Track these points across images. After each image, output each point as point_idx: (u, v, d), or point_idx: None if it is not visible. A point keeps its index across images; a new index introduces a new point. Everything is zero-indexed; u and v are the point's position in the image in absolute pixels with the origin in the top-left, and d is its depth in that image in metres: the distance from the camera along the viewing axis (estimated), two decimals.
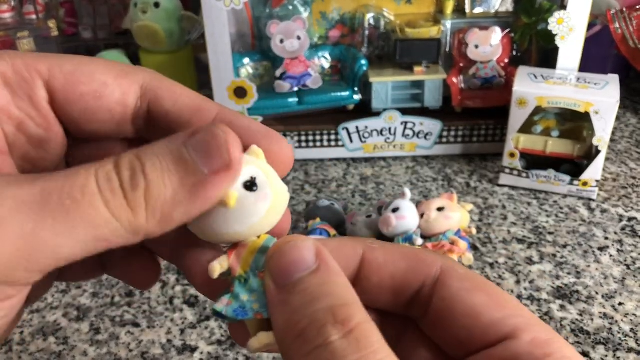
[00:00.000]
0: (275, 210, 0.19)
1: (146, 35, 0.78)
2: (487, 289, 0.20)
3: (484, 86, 0.69)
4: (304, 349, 0.16)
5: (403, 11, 0.70)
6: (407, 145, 0.70)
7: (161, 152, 0.16)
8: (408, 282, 0.21)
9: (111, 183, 0.16)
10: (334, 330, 0.16)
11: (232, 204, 0.18)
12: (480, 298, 0.20)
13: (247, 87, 0.66)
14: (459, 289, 0.20)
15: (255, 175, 0.18)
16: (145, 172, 0.16)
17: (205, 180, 0.17)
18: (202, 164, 0.17)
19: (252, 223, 0.19)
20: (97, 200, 0.16)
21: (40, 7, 0.77)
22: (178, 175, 0.16)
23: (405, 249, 0.21)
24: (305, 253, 0.18)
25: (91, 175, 0.16)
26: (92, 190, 0.16)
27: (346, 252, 0.21)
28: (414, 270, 0.21)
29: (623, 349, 0.45)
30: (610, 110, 0.58)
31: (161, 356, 0.45)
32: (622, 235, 0.57)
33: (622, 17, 0.74)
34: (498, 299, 0.20)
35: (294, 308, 0.17)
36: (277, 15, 0.67)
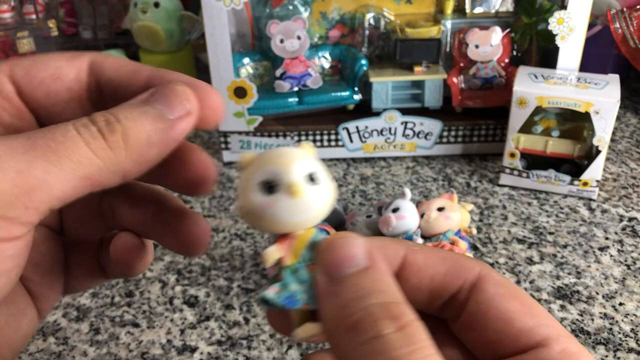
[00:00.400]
0: (330, 204, 0.20)
1: (146, 35, 0.78)
2: (521, 297, 0.21)
3: (484, 86, 0.69)
4: (356, 340, 0.17)
5: (403, 11, 0.70)
6: (407, 145, 0.70)
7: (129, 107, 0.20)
8: (446, 285, 0.21)
9: (89, 129, 0.19)
10: (387, 324, 0.17)
11: (301, 195, 0.19)
12: (514, 305, 0.20)
13: (247, 87, 0.66)
14: (494, 294, 0.21)
15: (315, 170, 0.20)
16: (120, 120, 0.19)
17: (173, 124, 0.20)
18: (168, 112, 0.20)
19: (311, 215, 0.19)
20: (79, 141, 0.18)
21: (40, 7, 0.77)
22: (149, 121, 0.19)
23: (445, 253, 0.22)
24: (358, 250, 0.19)
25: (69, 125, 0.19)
26: (73, 134, 0.18)
27: (389, 252, 0.21)
28: (452, 274, 0.21)
29: (623, 349, 0.45)
30: (611, 110, 0.58)
31: (161, 356, 0.45)
32: (623, 235, 0.57)
33: (623, 17, 0.74)
34: (531, 308, 0.20)
35: (346, 301, 0.18)
36: (277, 15, 0.67)
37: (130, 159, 0.19)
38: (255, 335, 0.47)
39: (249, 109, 0.67)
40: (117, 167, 0.19)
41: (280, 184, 0.19)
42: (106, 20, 0.90)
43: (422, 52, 0.68)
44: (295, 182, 0.19)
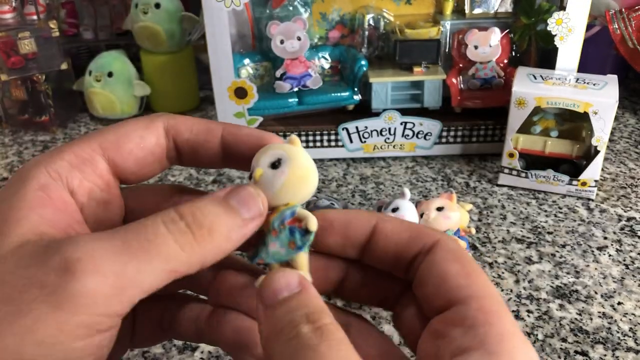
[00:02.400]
0: (294, 183, 0.24)
1: (147, 36, 0.78)
2: (465, 262, 0.23)
3: (483, 86, 0.70)
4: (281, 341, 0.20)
5: (403, 12, 0.71)
6: (407, 145, 0.70)
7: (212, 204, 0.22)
8: (408, 249, 0.24)
9: (177, 225, 0.21)
10: (305, 326, 0.20)
11: (257, 179, 0.23)
12: (454, 267, 0.23)
13: (248, 88, 0.66)
14: (441, 257, 0.23)
15: (280, 157, 0.24)
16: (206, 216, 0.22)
17: (248, 223, 0.23)
18: (244, 212, 0.23)
19: (272, 192, 0.23)
20: (169, 239, 0.21)
21: (41, 7, 0.77)
22: (230, 217, 0.22)
23: (411, 224, 0.26)
24: (291, 280, 0.22)
25: (158, 221, 0.21)
26: (163, 232, 0.21)
27: (361, 218, 0.25)
28: (414, 239, 0.24)
29: (622, 349, 0.45)
30: (609, 110, 0.58)
31: (162, 355, 0.45)
32: (621, 235, 0.58)
33: (621, 17, 0.74)
34: (468, 271, 0.23)
35: (277, 318, 0.21)
36: (277, 16, 0.68)
37: (211, 251, 0.22)
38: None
39: (249, 110, 0.68)
40: (200, 259, 0.21)
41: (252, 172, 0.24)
42: (107, 21, 0.90)
43: (421, 52, 0.68)
44: (257, 169, 0.24)
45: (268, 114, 0.69)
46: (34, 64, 0.77)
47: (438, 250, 0.24)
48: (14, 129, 0.81)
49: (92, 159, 0.24)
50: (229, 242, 0.22)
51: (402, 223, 0.25)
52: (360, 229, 0.25)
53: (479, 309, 0.21)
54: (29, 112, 0.80)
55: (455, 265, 0.23)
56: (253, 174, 0.24)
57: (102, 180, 0.24)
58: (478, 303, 0.21)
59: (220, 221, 0.22)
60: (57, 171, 0.23)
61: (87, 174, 0.24)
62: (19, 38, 0.75)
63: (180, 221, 0.21)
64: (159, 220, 0.21)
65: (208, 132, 0.26)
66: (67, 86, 0.82)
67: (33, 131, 0.80)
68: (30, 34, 0.75)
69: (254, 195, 0.23)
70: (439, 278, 0.23)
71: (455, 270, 0.23)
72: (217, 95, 0.67)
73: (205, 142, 0.26)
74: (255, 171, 0.24)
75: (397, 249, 0.25)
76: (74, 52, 0.88)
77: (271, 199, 0.24)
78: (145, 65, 0.82)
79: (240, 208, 0.22)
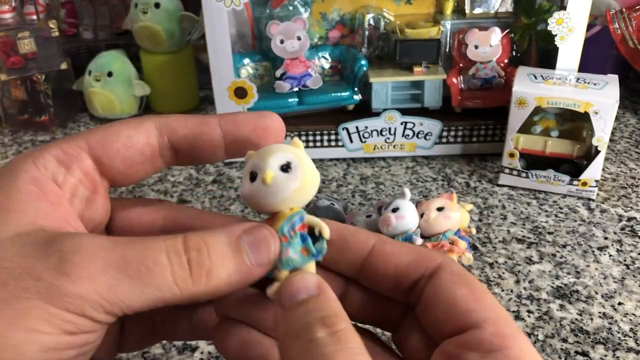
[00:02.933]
0: (305, 189, 0.23)
1: (147, 36, 0.78)
2: (472, 285, 0.23)
3: (484, 86, 0.70)
4: (297, 344, 0.20)
5: (403, 12, 0.71)
6: (407, 145, 0.70)
7: (222, 241, 0.22)
8: (409, 272, 0.24)
9: (180, 259, 0.21)
10: (321, 330, 0.20)
11: (269, 182, 0.22)
12: (462, 291, 0.23)
13: (248, 88, 0.66)
14: (447, 281, 0.23)
15: (290, 161, 0.23)
16: (210, 255, 0.21)
17: (252, 270, 0.22)
18: (252, 258, 0.22)
19: (283, 197, 0.23)
20: (166, 272, 0.21)
21: (41, 7, 0.77)
22: (234, 262, 0.22)
23: (411, 247, 0.25)
24: (309, 283, 0.22)
25: (162, 249, 0.21)
26: (163, 263, 0.21)
27: (360, 237, 0.25)
28: (415, 263, 0.24)
29: (622, 349, 0.45)
30: (610, 110, 0.58)
31: (161, 356, 0.45)
32: (622, 235, 0.58)
33: (622, 17, 0.74)
34: (478, 294, 0.23)
35: (294, 319, 0.21)
36: (277, 16, 0.67)
37: (205, 292, 0.21)
38: None
39: (249, 109, 0.68)
40: (191, 297, 0.21)
41: (258, 174, 0.23)
42: (107, 20, 0.90)
43: (421, 52, 0.68)
44: (267, 170, 0.23)
45: None
46: (33, 63, 0.77)
47: (443, 274, 0.23)
48: (14, 129, 0.81)
49: (78, 155, 0.24)
50: (228, 287, 0.22)
51: (403, 246, 0.25)
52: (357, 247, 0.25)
53: (494, 334, 0.21)
54: (28, 112, 0.80)
55: (463, 288, 0.23)
56: (262, 176, 0.23)
57: (87, 178, 0.24)
58: (493, 327, 0.21)
59: (224, 265, 0.21)
60: (45, 165, 0.23)
61: (72, 170, 0.24)
62: (18, 38, 0.75)
63: (183, 255, 0.21)
64: (163, 248, 0.21)
65: (204, 124, 0.25)
66: (67, 86, 0.82)
67: (33, 131, 0.80)
68: (29, 33, 0.75)
69: (269, 240, 0.23)
70: (447, 303, 0.23)
71: (463, 293, 0.22)
72: (217, 95, 0.67)
73: (202, 134, 0.25)
74: (265, 173, 0.23)
75: (397, 272, 0.24)
76: (73, 52, 0.88)
77: (279, 203, 0.23)
78: (145, 65, 0.82)
79: (251, 253, 0.22)
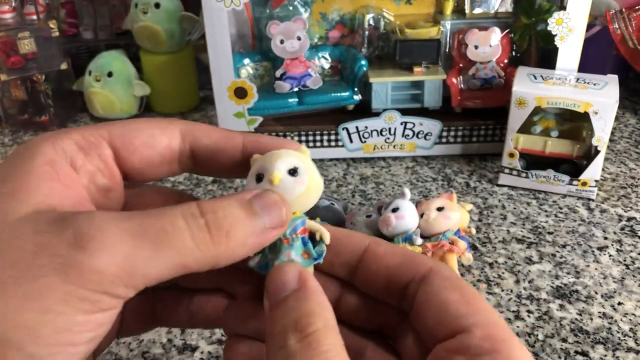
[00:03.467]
0: (310, 194, 0.24)
1: (147, 36, 0.78)
2: (464, 289, 0.23)
3: (484, 86, 0.70)
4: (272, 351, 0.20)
5: (403, 12, 0.71)
6: (407, 145, 0.70)
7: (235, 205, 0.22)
8: (400, 274, 0.24)
9: (197, 221, 0.21)
10: (292, 336, 0.20)
11: (277, 183, 0.23)
12: (453, 295, 0.23)
13: (248, 88, 0.66)
14: (438, 286, 0.23)
15: (297, 166, 0.24)
16: (226, 217, 0.21)
17: (266, 231, 0.22)
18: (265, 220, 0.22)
19: (289, 200, 0.23)
20: (185, 233, 0.20)
21: (41, 7, 0.77)
22: (249, 223, 0.22)
23: (405, 250, 0.25)
24: (289, 276, 0.22)
25: (177, 214, 0.21)
26: (181, 225, 0.20)
27: (355, 239, 0.25)
28: (406, 265, 0.24)
29: (622, 349, 0.45)
30: (610, 110, 0.58)
31: (162, 356, 0.45)
32: (622, 235, 0.58)
33: (622, 17, 0.74)
34: (469, 299, 0.22)
35: (274, 320, 0.21)
36: (277, 16, 0.67)
37: (225, 254, 0.21)
38: None
39: (249, 110, 0.68)
40: (212, 260, 0.21)
41: (265, 175, 0.23)
42: (107, 20, 0.90)
43: (421, 52, 0.68)
44: (275, 172, 0.23)
45: (268, 114, 0.69)
46: (33, 63, 0.77)
47: (434, 279, 0.23)
48: (14, 129, 0.81)
49: (98, 143, 0.24)
50: (245, 248, 0.22)
51: (395, 248, 0.25)
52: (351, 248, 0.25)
53: (484, 337, 0.21)
54: (28, 112, 0.80)
55: (454, 293, 0.23)
56: (270, 177, 0.23)
57: (106, 166, 0.24)
58: (483, 331, 0.21)
59: (240, 226, 0.21)
60: (63, 149, 0.23)
61: (91, 157, 0.23)
62: (18, 38, 0.75)
63: (200, 218, 0.21)
64: (178, 213, 0.21)
65: (227, 139, 0.25)
66: (67, 86, 0.82)
67: (33, 131, 0.80)
68: (30, 33, 0.75)
69: (279, 204, 0.23)
70: (439, 308, 0.22)
71: (455, 298, 0.22)
72: (217, 95, 0.67)
73: (225, 149, 0.25)
74: (272, 174, 0.23)
75: (388, 273, 0.24)
76: (73, 52, 0.88)
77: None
78: (145, 65, 0.82)
79: (264, 215, 0.22)
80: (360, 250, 0.25)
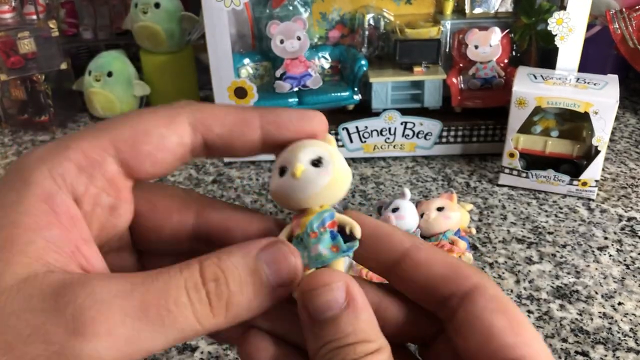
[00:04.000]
0: (336, 185, 0.23)
1: (147, 36, 0.78)
2: (511, 313, 0.21)
3: (484, 86, 0.70)
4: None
5: (403, 11, 0.71)
6: (407, 145, 0.70)
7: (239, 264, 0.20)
8: (440, 287, 0.22)
9: (199, 294, 0.20)
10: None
11: (299, 175, 0.22)
12: (500, 320, 0.21)
13: (248, 88, 0.66)
14: (484, 307, 0.21)
15: (322, 156, 0.22)
16: (228, 283, 0.20)
17: (273, 292, 0.21)
18: (273, 279, 0.21)
19: (313, 192, 0.22)
20: (188, 311, 0.19)
21: (40, 7, 0.77)
22: (253, 287, 0.20)
23: (448, 258, 0.23)
24: (337, 294, 0.20)
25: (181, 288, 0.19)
26: (184, 303, 0.19)
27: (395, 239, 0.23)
28: (449, 278, 0.22)
29: (622, 349, 0.45)
30: (610, 110, 0.58)
31: (161, 356, 0.45)
32: (622, 235, 0.58)
33: (622, 17, 0.74)
34: (517, 326, 0.21)
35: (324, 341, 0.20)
36: (277, 16, 0.67)
37: (226, 322, 0.20)
38: None
39: None
40: (212, 329, 0.20)
41: (288, 167, 0.22)
42: (107, 20, 0.90)
43: (421, 52, 0.68)
44: (297, 164, 0.22)
45: None
46: (33, 63, 0.77)
47: (480, 299, 0.21)
48: (14, 129, 0.81)
49: (102, 160, 0.21)
50: (249, 312, 0.21)
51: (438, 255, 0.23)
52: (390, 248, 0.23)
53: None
54: (28, 112, 0.80)
55: (501, 318, 0.21)
56: (292, 170, 0.22)
57: (111, 185, 0.22)
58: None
59: (243, 292, 0.20)
60: (62, 176, 0.20)
61: (95, 179, 0.21)
62: (18, 38, 0.75)
63: (202, 289, 0.20)
64: (182, 286, 0.19)
65: (244, 123, 0.23)
66: (67, 86, 0.82)
67: (33, 131, 0.80)
68: (29, 33, 0.75)
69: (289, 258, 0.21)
70: (483, 334, 0.21)
71: (501, 324, 0.21)
72: (217, 95, 0.67)
73: (241, 134, 0.23)
74: (295, 167, 0.22)
75: (427, 284, 0.23)
76: (73, 52, 0.88)
77: (308, 199, 0.23)
78: (145, 65, 0.82)
79: (271, 274, 0.21)
80: (398, 253, 0.23)
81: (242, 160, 0.71)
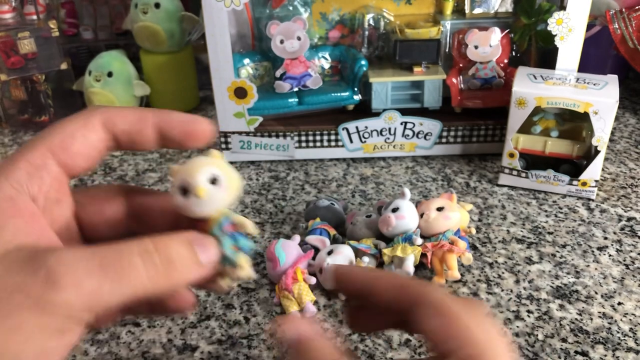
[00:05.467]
0: (231, 194, 0.27)
1: (147, 36, 0.78)
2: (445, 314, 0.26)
3: (484, 86, 0.70)
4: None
5: (403, 12, 0.71)
6: (407, 145, 0.70)
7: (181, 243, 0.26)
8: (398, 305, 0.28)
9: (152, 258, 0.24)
10: None
11: (203, 196, 0.26)
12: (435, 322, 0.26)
13: (247, 88, 0.66)
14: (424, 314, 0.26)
15: (215, 173, 0.26)
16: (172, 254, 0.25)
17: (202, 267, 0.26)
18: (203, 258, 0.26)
19: (216, 207, 0.26)
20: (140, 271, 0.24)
21: (41, 7, 0.77)
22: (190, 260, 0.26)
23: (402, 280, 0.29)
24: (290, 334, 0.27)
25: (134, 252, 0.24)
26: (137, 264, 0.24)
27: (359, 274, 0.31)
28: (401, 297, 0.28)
29: (622, 349, 0.45)
30: (610, 110, 0.58)
31: (162, 355, 0.45)
32: (621, 235, 0.58)
33: (622, 17, 0.74)
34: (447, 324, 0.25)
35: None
36: (277, 16, 0.68)
37: (168, 286, 0.25)
38: (256, 335, 0.47)
39: (249, 110, 0.68)
40: (159, 289, 0.25)
41: (190, 189, 0.26)
42: (107, 20, 0.90)
43: (421, 52, 0.68)
44: (199, 187, 0.26)
45: (268, 114, 0.69)
46: (33, 63, 0.77)
47: (421, 308, 0.27)
48: (14, 129, 0.81)
49: (45, 164, 0.26)
50: (185, 281, 0.26)
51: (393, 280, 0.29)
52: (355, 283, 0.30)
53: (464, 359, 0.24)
54: (28, 112, 0.80)
55: (436, 320, 0.26)
56: (195, 192, 0.26)
57: (56, 181, 0.27)
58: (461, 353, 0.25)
59: (184, 262, 0.25)
60: (18, 182, 0.25)
61: (43, 179, 0.26)
62: (18, 38, 0.75)
63: (153, 254, 0.24)
64: (135, 251, 0.24)
65: (140, 120, 0.28)
66: (67, 86, 0.82)
67: (33, 131, 0.80)
68: (30, 33, 0.75)
69: (213, 246, 0.26)
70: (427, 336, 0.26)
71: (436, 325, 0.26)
72: (217, 95, 0.67)
73: (139, 130, 0.28)
74: (198, 189, 0.26)
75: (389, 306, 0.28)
76: (73, 52, 0.88)
77: (211, 210, 0.26)
78: (145, 65, 0.82)
79: (201, 254, 0.26)
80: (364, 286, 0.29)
81: (242, 161, 0.71)
